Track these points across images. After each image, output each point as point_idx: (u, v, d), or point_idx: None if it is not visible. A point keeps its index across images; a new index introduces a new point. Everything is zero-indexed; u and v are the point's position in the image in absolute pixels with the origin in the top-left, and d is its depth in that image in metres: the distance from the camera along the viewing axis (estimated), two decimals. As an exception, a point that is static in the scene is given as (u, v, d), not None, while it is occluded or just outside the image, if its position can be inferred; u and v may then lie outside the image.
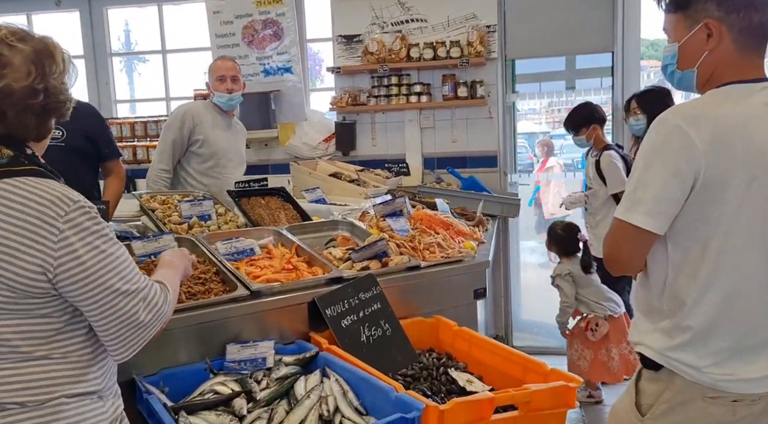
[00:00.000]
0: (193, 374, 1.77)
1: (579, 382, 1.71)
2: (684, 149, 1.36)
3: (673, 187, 1.38)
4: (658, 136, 1.40)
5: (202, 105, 3.45)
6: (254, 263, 2.18)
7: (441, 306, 2.29)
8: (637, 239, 1.44)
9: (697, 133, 1.35)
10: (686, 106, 1.46)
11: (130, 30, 6.27)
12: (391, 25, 4.38)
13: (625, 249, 1.48)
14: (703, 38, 1.45)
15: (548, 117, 26.95)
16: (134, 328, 1.27)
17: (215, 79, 3.34)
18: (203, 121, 3.32)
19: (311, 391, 1.68)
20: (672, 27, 1.52)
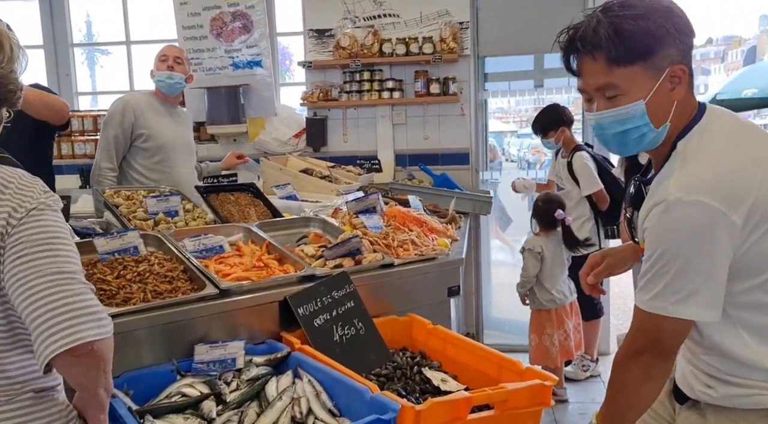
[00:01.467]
0: (160, 376, 1.70)
1: (554, 380, 1.70)
2: (729, 233, 1.20)
3: (724, 270, 1.23)
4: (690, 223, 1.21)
5: (143, 96, 3.33)
6: (223, 261, 2.11)
7: (415, 304, 2.26)
8: (687, 330, 1.30)
9: (730, 207, 1.19)
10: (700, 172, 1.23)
11: (91, 21, 6.09)
12: (363, 20, 4.33)
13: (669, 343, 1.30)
14: (668, 88, 1.28)
15: (516, 116, 27.26)
16: None
17: (157, 61, 3.24)
18: (145, 112, 3.19)
19: (283, 392, 1.63)
20: (628, 82, 1.26)
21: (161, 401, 1.61)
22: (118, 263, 1.93)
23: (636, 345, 1.33)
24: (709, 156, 1.25)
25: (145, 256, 2.00)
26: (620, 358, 1.37)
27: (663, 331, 1.28)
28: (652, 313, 1.27)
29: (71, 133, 4.64)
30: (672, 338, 1.30)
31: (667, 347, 1.31)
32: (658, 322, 1.27)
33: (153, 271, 1.92)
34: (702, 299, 1.23)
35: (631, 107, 1.28)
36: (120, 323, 1.68)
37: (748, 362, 1.29)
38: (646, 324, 1.31)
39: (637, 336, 1.33)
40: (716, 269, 1.22)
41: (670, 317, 1.25)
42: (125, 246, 2.00)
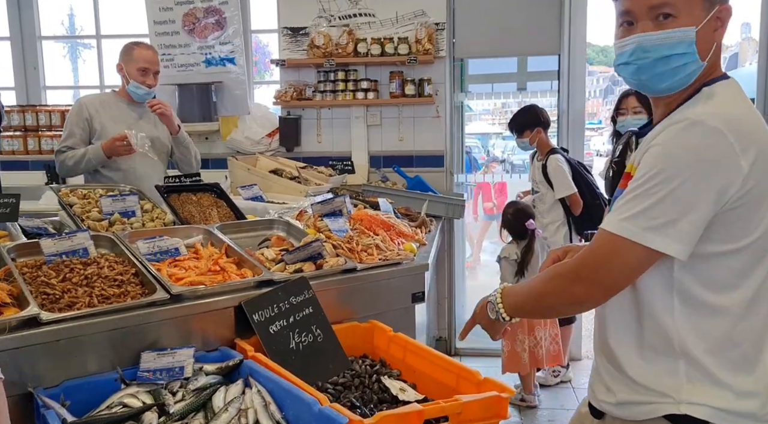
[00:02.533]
0: (102, 386, 1.62)
1: (512, 392, 1.65)
2: (733, 174, 1.14)
3: (710, 210, 1.15)
4: (703, 146, 1.14)
5: (104, 97, 3.30)
6: (178, 264, 2.04)
7: (377, 310, 2.20)
8: (644, 265, 1.19)
9: (742, 149, 1.13)
10: (726, 111, 1.18)
11: (74, 15, 5.97)
12: (338, 19, 4.27)
13: (619, 276, 1.20)
14: (713, 26, 1.22)
15: (501, 118, 27.34)
16: None
17: (136, 69, 3.12)
18: (100, 111, 3.16)
19: (230, 403, 1.56)
20: (686, 4, 1.20)
21: (100, 412, 1.53)
22: (65, 266, 1.85)
23: (582, 268, 1.23)
24: (734, 101, 1.22)
25: (94, 258, 1.92)
26: (560, 272, 1.28)
27: (617, 259, 1.17)
28: (616, 234, 1.17)
29: (38, 128, 4.52)
30: (622, 270, 1.19)
31: (610, 281, 1.20)
32: (617, 246, 1.17)
33: (101, 274, 1.85)
34: (677, 230, 1.14)
35: (683, 31, 1.20)
36: (63, 328, 1.62)
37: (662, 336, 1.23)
38: (603, 247, 1.20)
39: (588, 259, 1.23)
40: (703, 206, 1.14)
41: (635, 242, 1.15)
42: (74, 248, 1.92)
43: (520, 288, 1.42)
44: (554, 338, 3.62)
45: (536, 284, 1.36)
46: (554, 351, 3.62)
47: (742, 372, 1.22)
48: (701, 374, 1.22)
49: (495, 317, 1.44)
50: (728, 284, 1.21)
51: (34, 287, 1.74)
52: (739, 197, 1.15)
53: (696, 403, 1.21)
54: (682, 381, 1.22)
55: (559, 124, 4.28)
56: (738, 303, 1.21)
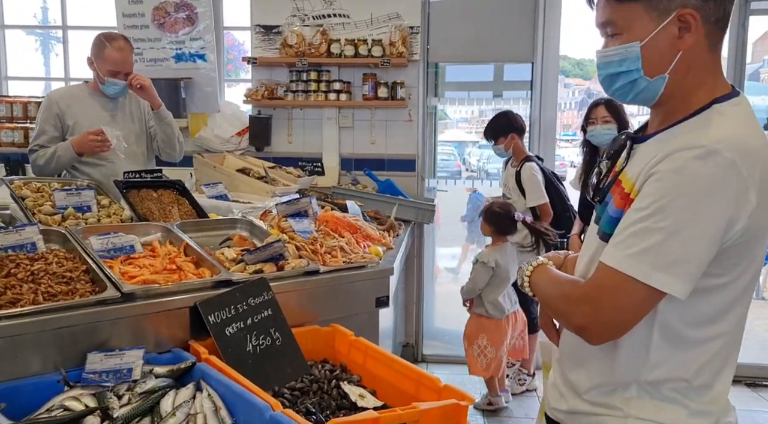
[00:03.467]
0: (43, 388, 1.54)
1: (471, 400, 1.61)
2: (744, 209, 1.07)
3: (717, 248, 1.08)
4: (718, 179, 1.05)
5: (74, 90, 3.14)
6: (133, 262, 1.96)
7: (340, 314, 2.15)
8: (651, 305, 1.11)
9: (753, 182, 1.06)
10: (737, 138, 1.09)
11: (48, 8, 5.82)
12: (312, 18, 4.22)
13: (624, 315, 1.11)
14: (674, 34, 1.13)
15: (478, 127, 27.45)
16: None
17: (106, 70, 2.98)
18: (71, 105, 3.02)
19: (178, 408, 1.49)
20: (627, 20, 1.15)
21: (39, 416, 1.45)
22: (10, 261, 1.76)
23: (587, 299, 1.13)
24: (747, 126, 1.13)
25: (42, 254, 1.83)
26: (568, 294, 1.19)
27: (623, 296, 1.09)
28: (622, 273, 1.08)
29: (-1, 120, 4.37)
30: (628, 310, 1.10)
31: (611, 320, 1.11)
32: (623, 284, 1.08)
33: (49, 270, 1.76)
34: (687, 271, 1.06)
35: (624, 48, 1.16)
36: (4, 326, 1.54)
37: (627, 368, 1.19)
38: (607, 283, 1.11)
39: (591, 293, 1.13)
40: (713, 243, 1.07)
41: (643, 283, 1.07)
42: (21, 242, 1.83)
43: (547, 280, 1.31)
44: (521, 334, 3.63)
45: (554, 289, 1.28)
46: (519, 346, 3.63)
47: (700, 393, 1.20)
48: (654, 394, 1.20)
49: (520, 282, 1.40)
50: (709, 319, 1.16)
51: (-25, 283, 1.65)
52: (743, 233, 1.09)
53: (644, 418, 1.19)
54: (632, 395, 1.21)
55: (530, 133, 4.29)
56: (714, 337, 1.17)
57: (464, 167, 21.03)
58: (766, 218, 1.11)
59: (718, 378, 1.21)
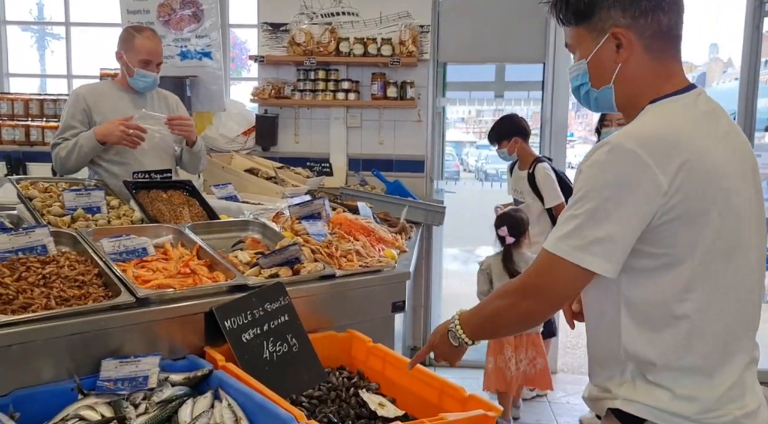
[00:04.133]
0: (57, 396, 1.49)
1: (498, 411, 1.57)
2: (651, 190, 1.19)
3: (634, 229, 1.21)
4: (619, 168, 1.20)
5: (101, 86, 3.05)
6: (146, 265, 1.91)
7: (356, 319, 2.10)
8: (581, 281, 1.26)
9: (660, 166, 1.18)
10: (644, 127, 1.25)
11: (43, 4, 5.77)
12: (320, 17, 4.17)
13: (560, 291, 1.28)
14: (613, 50, 1.30)
15: (476, 127, 27.43)
16: None
17: (137, 61, 2.88)
18: (98, 102, 2.91)
19: (198, 418, 1.45)
20: (576, 42, 1.36)
21: (54, 426, 1.40)
22: (21, 264, 1.70)
23: (527, 286, 1.31)
24: (663, 118, 1.26)
25: (53, 256, 1.78)
26: (508, 290, 1.36)
27: (556, 275, 1.26)
28: (552, 253, 1.25)
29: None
30: (562, 286, 1.27)
31: (554, 296, 1.29)
32: (555, 264, 1.25)
33: (61, 274, 1.71)
34: (604, 249, 1.21)
35: (577, 65, 1.37)
36: (16, 332, 1.49)
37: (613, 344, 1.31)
38: (543, 265, 1.28)
39: (532, 276, 1.31)
40: (627, 223, 1.21)
41: (568, 261, 1.22)
42: (31, 244, 1.78)
43: (475, 310, 1.47)
44: (532, 360, 3.48)
45: (489, 303, 1.42)
46: (530, 373, 3.47)
47: (688, 377, 1.26)
48: (643, 376, 1.29)
49: (458, 343, 1.47)
50: (673, 298, 1.25)
51: (-15, 286, 1.60)
52: (664, 213, 1.20)
53: (631, 400, 1.29)
54: (626, 379, 1.31)
55: (541, 134, 4.24)
56: (680, 317, 1.25)
57: (462, 168, 20.99)
58: (694, 200, 1.20)
59: (717, 366, 1.27)
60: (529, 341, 3.45)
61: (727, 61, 16.66)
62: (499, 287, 3.30)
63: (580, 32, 1.34)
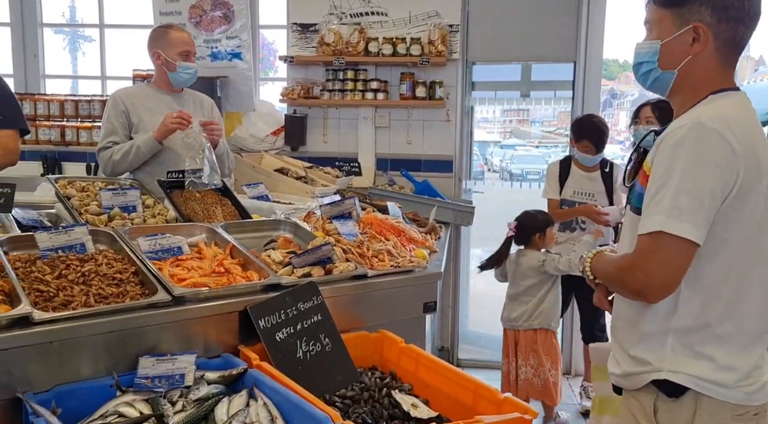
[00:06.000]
0: (96, 392, 1.51)
1: (535, 414, 1.55)
2: (727, 159, 1.30)
3: (717, 199, 1.31)
4: (698, 142, 1.31)
5: (137, 89, 3.05)
6: (181, 264, 1.93)
7: (387, 320, 2.09)
8: (685, 253, 1.32)
9: (735, 141, 1.31)
10: (716, 111, 1.37)
11: (75, 7, 5.87)
12: (349, 17, 4.17)
13: (671, 265, 1.32)
14: (688, 41, 1.42)
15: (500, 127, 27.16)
16: None
17: (177, 53, 2.89)
18: (136, 104, 2.91)
19: (234, 416, 1.45)
20: (657, 22, 1.46)
21: (94, 421, 1.42)
22: (61, 262, 1.74)
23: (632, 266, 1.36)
24: (730, 106, 1.39)
25: (92, 255, 1.81)
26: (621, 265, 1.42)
27: (661, 251, 1.30)
28: (650, 232, 1.31)
29: (36, 117, 4.40)
30: (671, 261, 1.31)
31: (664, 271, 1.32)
32: (656, 241, 1.31)
33: (99, 272, 1.74)
34: (697, 218, 1.29)
35: (650, 43, 1.46)
36: (57, 329, 1.51)
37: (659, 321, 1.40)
38: (644, 246, 1.33)
39: (637, 258, 1.35)
40: (713, 195, 1.30)
41: (669, 233, 1.29)
42: (71, 243, 1.81)
43: (604, 262, 1.54)
44: (536, 369, 3.36)
45: (610, 266, 1.49)
46: (537, 385, 3.36)
47: (725, 344, 1.38)
48: (685, 347, 1.39)
49: (581, 268, 1.59)
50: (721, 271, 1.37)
51: (27, 284, 1.63)
52: (733, 195, 1.32)
53: (676, 371, 1.39)
54: (667, 353, 1.40)
55: (571, 133, 4.18)
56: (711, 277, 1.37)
57: (486, 168, 20.80)
58: (747, 180, 1.33)
59: (754, 338, 1.41)
60: (533, 349, 3.35)
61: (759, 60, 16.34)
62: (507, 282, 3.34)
63: (665, 15, 1.43)
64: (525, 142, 25.19)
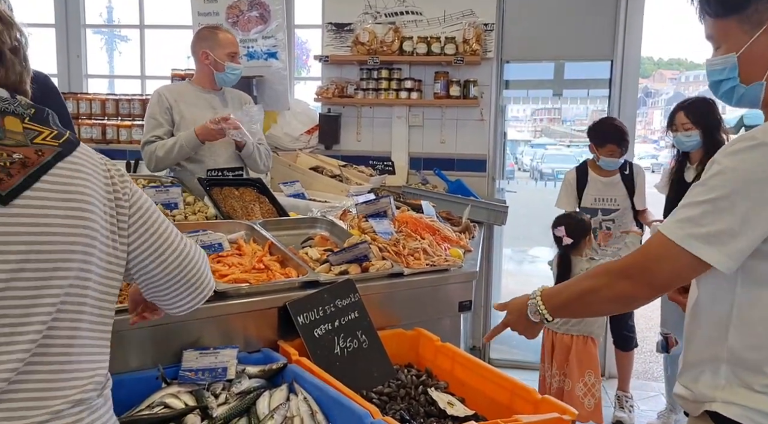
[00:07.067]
0: (143, 383, 1.56)
1: (573, 414, 1.54)
2: None
3: (763, 232, 1.15)
4: (758, 164, 1.13)
5: (180, 87, 3.10)
6: (222, 260, 1.98)
7: (423, 318, 2.11)
8: (690, 271, 1.21)
9: None
10: None
11: (113, 7, 6.01)
12: (384, 16, 4.19)
13: (665, 277, 1.21)
14: (765, 44, 1.23)
15: (530, 126, 26.85)
16: None
17: (226, 54, 2.94)
18: (178, 101, 2.97)
19: (275, 410, 1.49)
20: (722, 34, 1.28)
21: (141, 412, 1.47)
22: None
23: (631, 266, 1.26)
24: None
25: (137, 250, 1.86)
26: (607, 269, 1.31)
27: (665, 260, 1.19)
28: (666, 237, 1.19)
29: (78, 116, 4.52)
30: (668, 273, 1.20)
31: (656, 281, 1.22)
32: (667, 248, 1.18)
33: (145, 267, 1.78)
34: (721, 242, 1.15)
35: (723, 59, 1.28)
36: (105, 321, 1.56)
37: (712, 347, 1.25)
38: (654, 247, 1.22)
39: (639, 257, 1.26)
40: (755, 222, 1.14)
41: (681, 247, 1.16)
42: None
43: (561, 287, 1.45)
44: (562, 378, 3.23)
45: (580, 281, 1.39)
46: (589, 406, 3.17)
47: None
48: (741, 380, 1.23)
49: (538, 318, 1.46)
50: None
51: (78, 277, 1.69)
52: None
53: (731, 402, 1.24)
54: (720, 381, 1.25)
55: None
56: None
57: (517, 167, 20.60)
58: None
59: None
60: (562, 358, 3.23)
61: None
62: None
63: (728, 24, 1.26)
64: (556, 141, 24.89)
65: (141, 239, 1.13)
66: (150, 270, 1.16)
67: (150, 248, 1.15)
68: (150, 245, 1.14)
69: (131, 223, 1.12)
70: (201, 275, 1.25)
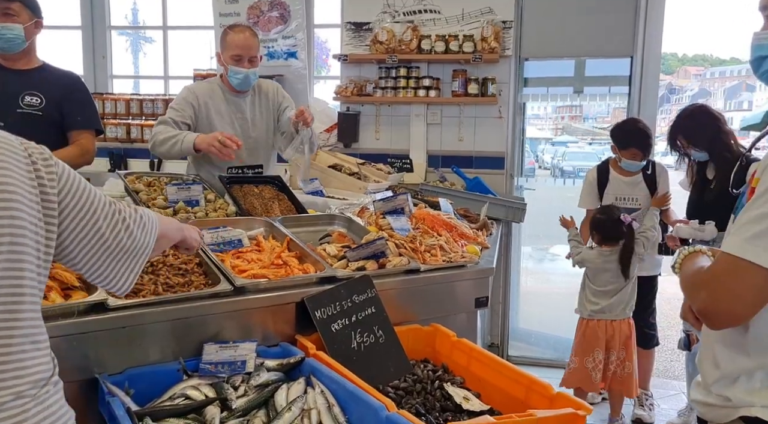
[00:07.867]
0: (165, 375, 1.60)
1: (589, 410, 1.55)
2: None
3: None
4: None
5: (212, 86, 3.01)
6: (241, 256, 2.02)
7: (439, 314, 2.13)
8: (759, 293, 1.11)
9: None
10: None
11: (138, 9, 6.10)
12: (402, 15, 4.21)
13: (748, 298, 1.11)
14: None
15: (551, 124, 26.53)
16: None
17: (229, 56, 2.83)
18: (208, 104, 2.91)
19: (293, 402, 1.51)
20: None
21: (163, 403, 1.51)
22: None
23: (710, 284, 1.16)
24: None
25: (159, 246, 1.90)
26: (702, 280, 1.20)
27: (743, 281, 1.09)
28: (738, 257, 1.09)
29: (104, 116, 4.61)
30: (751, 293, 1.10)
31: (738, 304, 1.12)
32: (742, 269, 1.09)
33: (167, 262, 1.83)
34: None
35: None
36: (128, 315, 1.61)
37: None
38: (727, 269, 1.12)
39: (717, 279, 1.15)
40: None
41: (758, 265, 1.07)
42: (139, 234, 1.90)
43: (690, 266, 1.35)
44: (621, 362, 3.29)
45: (688, 275, 1.32)
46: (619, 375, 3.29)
47: None
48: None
49: (672, 262, 1.43)
50: None
51: (102, 272, 1.73)
52: None
53: None
54: (755, 386, 1.21)
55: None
56: None
57: (537, 165, 20.47)
58: None
59: None
60: (621, 343, 3.30)
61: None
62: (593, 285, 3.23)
63: None
64: (577, 139, 24.61)
65: (74, 222, 1.10)
66: (88, 250, 1.14)
67: (84, 229, 1.11)
68: (83, 227, 1.11)
69: (62, 208, 1.08)
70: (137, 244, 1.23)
